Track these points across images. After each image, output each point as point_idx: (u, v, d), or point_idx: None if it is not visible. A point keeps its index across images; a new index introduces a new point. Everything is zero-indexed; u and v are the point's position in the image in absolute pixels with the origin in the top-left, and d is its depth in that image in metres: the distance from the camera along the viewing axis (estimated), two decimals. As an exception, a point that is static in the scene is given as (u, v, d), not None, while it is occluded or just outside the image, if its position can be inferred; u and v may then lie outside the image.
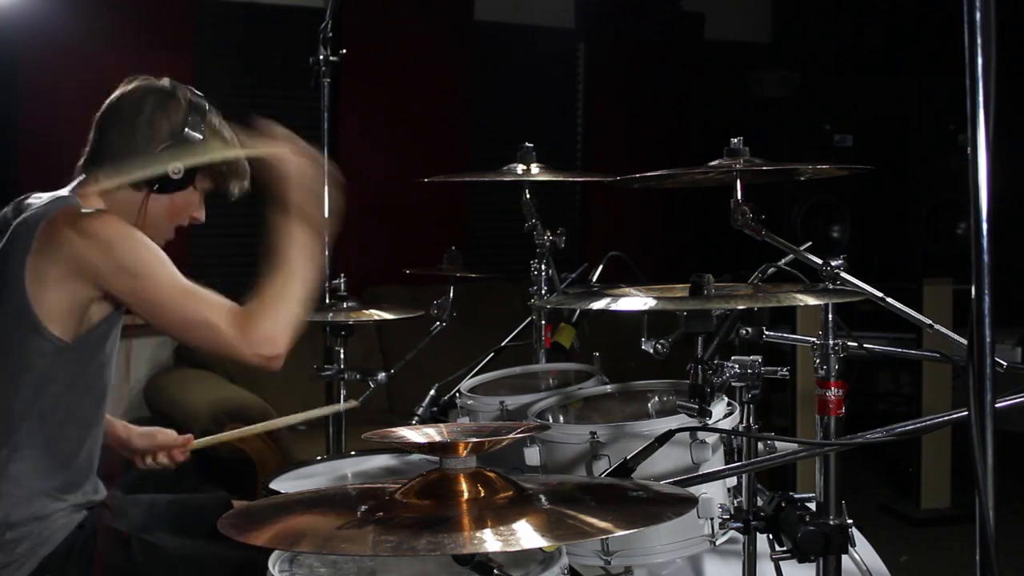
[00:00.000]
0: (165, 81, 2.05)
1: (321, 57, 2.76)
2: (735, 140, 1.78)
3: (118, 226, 1.89)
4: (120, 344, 2.02)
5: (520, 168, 2.48)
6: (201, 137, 2.00)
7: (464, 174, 2.80)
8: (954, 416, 1.70)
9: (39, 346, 1.85)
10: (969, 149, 1.08)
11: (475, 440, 1.24)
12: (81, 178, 2.01)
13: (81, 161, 2.03)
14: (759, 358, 1.69)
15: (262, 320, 1.83)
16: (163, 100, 2.00)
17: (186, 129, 1.99)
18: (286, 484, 2.21)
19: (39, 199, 1.98)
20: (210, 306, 1.86)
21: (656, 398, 2.08)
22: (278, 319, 1.85)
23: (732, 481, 1.78)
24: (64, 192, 1.98)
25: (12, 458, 1.87)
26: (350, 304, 2.67)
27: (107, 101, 2.03)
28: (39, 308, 1.84)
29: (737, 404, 1.74)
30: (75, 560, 1.89)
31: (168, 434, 2.30)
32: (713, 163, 1.80)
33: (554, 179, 2.52)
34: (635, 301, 1.63)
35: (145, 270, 1.85)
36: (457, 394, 2.22)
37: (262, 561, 1.48)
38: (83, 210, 1.90)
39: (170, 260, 1.89)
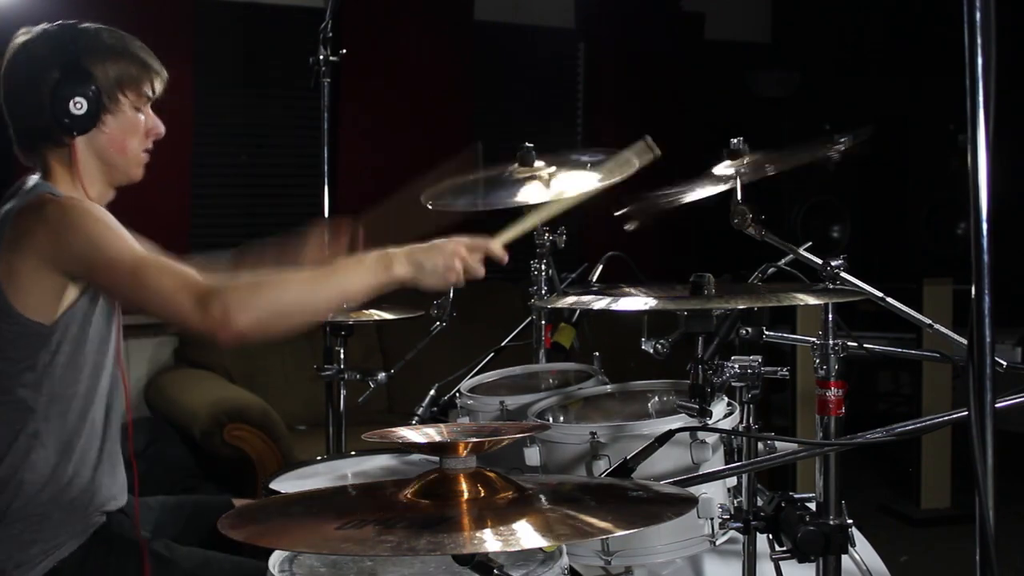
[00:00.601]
0: (23, 32, 1.99)
1: (321, 57, 2.76)
2: (735, 140, 1.78)
3: (70, 207, 1.85)
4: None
5: (526, 179, 2.42)
6: (79, 58, 1.91)
7: (467, 191, 2.72)
8: (954, 416, 1.70)
9: (25, 336, 1.84)
10: (969, 149, 1.08)
11: (475, 440, 1.24)
12: (39, 165, 1.98)
13: (14, 149, 1.99)
14: (759, 358, 1.69)
15: (230, 297, 1.70)
16: (30, 49, 1.94)
17: (62, 61, 1.91)
18: (286, 484, 2.21)
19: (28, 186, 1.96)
20: (165, 275, 1.76)
21: (656, 398, 2.08)
22: (252, 302, 1.71)
23: (732, 481, 1.78)
24: (35, 179, 1.95)
25: (30, 449, 1.87)
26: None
27: None
28: (16, 300, 1.82)
29: (737, 404, 1.74)
30: (88, 570, 1.89)
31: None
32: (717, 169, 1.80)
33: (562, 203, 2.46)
34: (635, 301, 1.63)
35: (95, 247, 1.79)
36: (457, 394, 2.22)
37: (263, 562, 1.48)
38: (44, 197, 1.87)
39: (127, 232, 1.83)
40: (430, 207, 2.33)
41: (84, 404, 1.92)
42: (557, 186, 2.30)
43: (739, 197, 1.78)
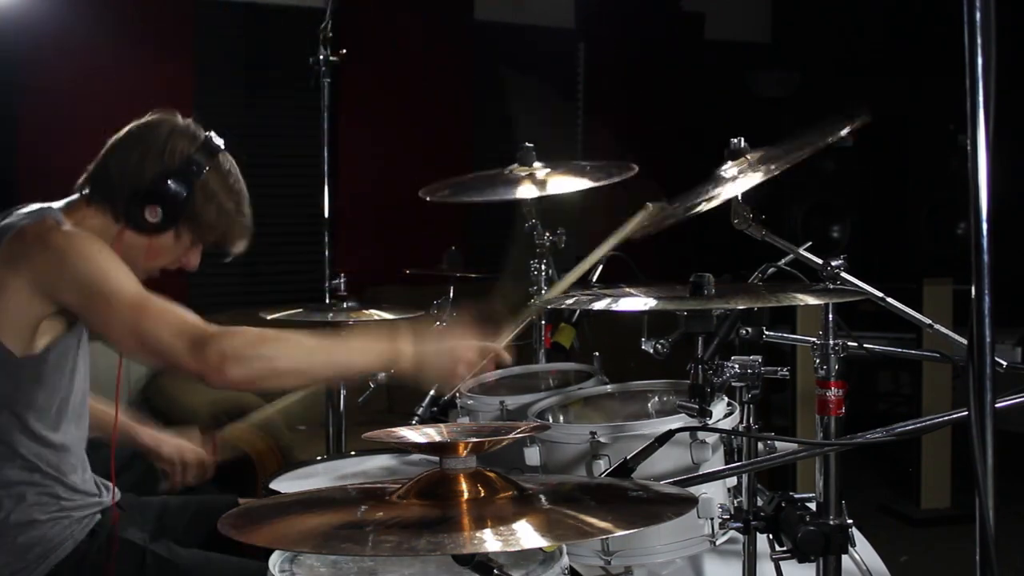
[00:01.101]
0: (188, 121, 1.98)
1: (321, 57, 2.76)
2: (735, 140, 1.78)
3: (80, 239, 1.82)
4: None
5: (522, 178, 2.45)
6: (196, 180, 1.91)
7: (465, 188, 2.77)
8: (954, 416, 1.70)
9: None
10: (969, 149, 1.08)
11: (475, 440, 1.24)
12: (75, 197, 1.96)
13: (81, 179, 1.98)
14: (759, 358, 1.69)
15: (227, 344, 1.70)
16: (168, 134, 1.93)
17: (181, 168, 1.91)
18: (286, 484, 2.21)
19: (28, 209, 1.93)
20: (163, 319, 1.75)
21: (656, 398, 2.08)
22: (249, 353, 1.71)
23: (732, 481, 1.78)
24: (52, 204, 1.93)
25: (4, 464, 1.86)
26: (350, 304, 2.67)
27: (122, 131, 1.97)
28: None
29: (737, 404, 1.74)
30: (87, 569, 1.89)
31: (193, 449, 2.29)
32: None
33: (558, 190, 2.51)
34: (635, 301, 1.63)
35: (98, 276, 1.77)
36: (457, 394, 2.22)
37: (263, 562, 1.48)
38: (51, 224, 1.84)
39: (130, 271, 1.82)
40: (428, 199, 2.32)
41: (60, 418, 1.90)
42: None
43: (739, 197, 1.77)
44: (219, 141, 1.99)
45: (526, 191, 2.42)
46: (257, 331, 1.76)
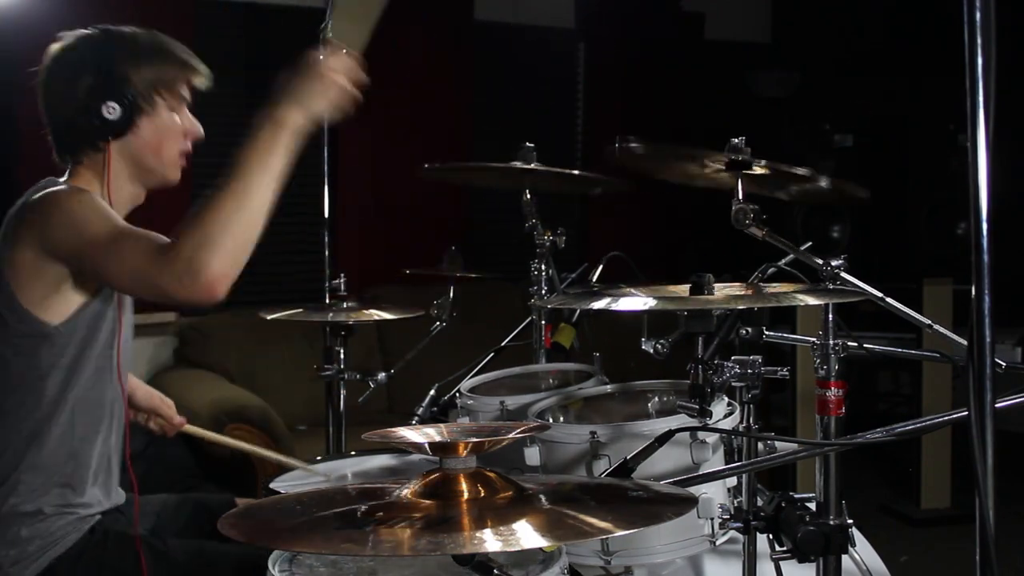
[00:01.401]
0: (73, 33, 1.99)
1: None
2: (736, 140, 1.78)
3: (62, 194, 1.86)
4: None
5: (519, 165, 2.48)
6: (113, 61, 1.93)
7: (465, 168, 2.79)
8: (954, 416, 1.70)
9: (30, 331, 1.85)
10: (969, 149, 1.08)
11: (475, 440, 1.24)
12: (68, 168, 1.99)
13: (53, 154, 2.00)
14: (759, 358, 1.69)
15: (187, 247, 1.64)
16: (66, 55, 1.95)
17: (95, 64, 1.92)
18: (286, 484, 2.21)
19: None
20: (131, 242, 1.73)
21: (656, 398, 2.08)
22: (210, 244, 1.63)
23: (732, 481, 1.78)
24: (58, 179, 1.96)
25: (30, 447, 1.87)
26: (350, 304, 2.67)
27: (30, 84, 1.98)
28: (22, 296, 1.83)
29: (737, 404, 1.74)
30: (84, 565, 1.89)
31: (170, 405, 2.33)
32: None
33: (554, 171, 2.52)
34: (635, 301, 1.63)
35: (74, 222, 1.79)
36: (457, 394, 2.22)
37: (263, 561, 1.48)
38: (44, 192, 1.87)
39: (112, 213, 1.83)
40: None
41: (86, 407, 1.92)
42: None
43: (740, 196, 1.77)
44: (106, 27, 2.00)
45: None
46: (200, 218, 1.68)
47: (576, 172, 2.63)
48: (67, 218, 1.80)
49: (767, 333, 1.75)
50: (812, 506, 1.65)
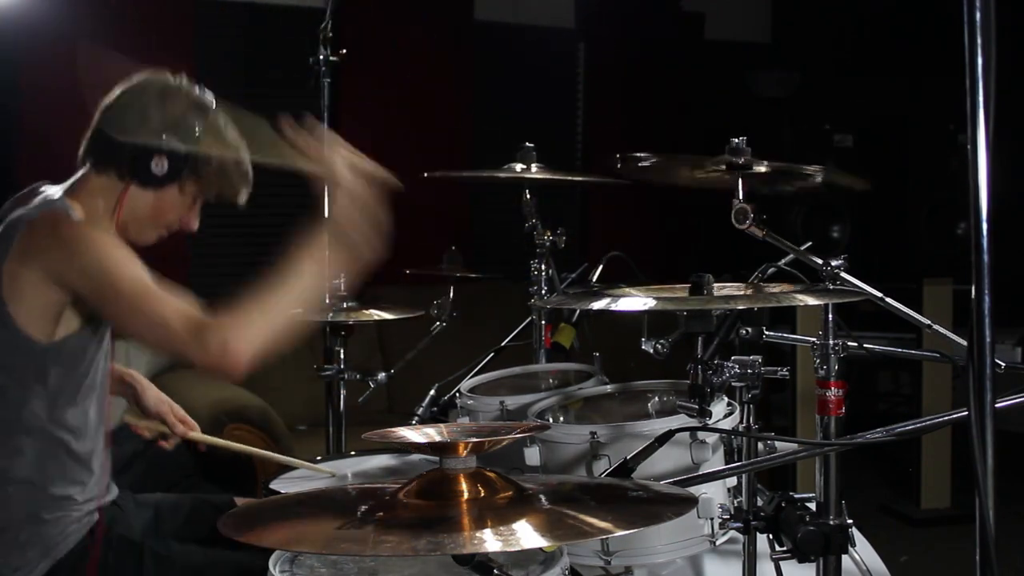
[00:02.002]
0: (170, 75, 2.00)
1: (321, 57, 2.76)
2: (736, 140, 1.78)
3: (87, 230, 1.86)
4: (119, 344, 2.01)
5: (519, 167, 2.48)
6: (195, 134, 1.94)
7: (465, 171, 2.80)
8: (954, 416, 1.70)
9: (17, 347, 1.84)
10: (969, 149, 1.08)
11: (475, 440, 1.24)
12: (78, 174, 1.99)
13: (81, 150, 2.00)
14: (759, 358, 1.69)
15: (227, 331, 1.71)
16: (162, 92, 1.96)
17: (180, 124, 1.93)
18: (286, 484, 2.21)
19: (41, 194, 1.96)
20: (167, 306, 1.77)
21: (656, 398, 2.08)
22: (247, 334, 1.72)
23: (732, 481, 1.78)
24: (56, 193, 1.95)
25: (20, 459, 1.87)
26: (350, 304, 2.67)
27: (112, 92, 2.00)
28: (15, 310, 1.83)
29: (737, 404, 1.74)
30: (84, 567, 1.89)
31: (178, 411, 2.33)
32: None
33: (554, 178, 2.52)
34: (635, 301, 1.63)
35: (105, 270, 1.80)
36: (457, 394, 2.22)
37: (263, 562, 1.48)
38: (61, 216, 1.87)
39: (139, 262, 1.84)
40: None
41: (75, 415, 1.92)
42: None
43: (740, 196, 1.77)
44: (210, 95, 2.01)
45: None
46: (241, 309, 1.74)
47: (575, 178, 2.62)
48: (94, 262, 1.80)
49: (767, 333, 1.75)
50: (812, 506, 1.65)
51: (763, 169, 1.76)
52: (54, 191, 1.96)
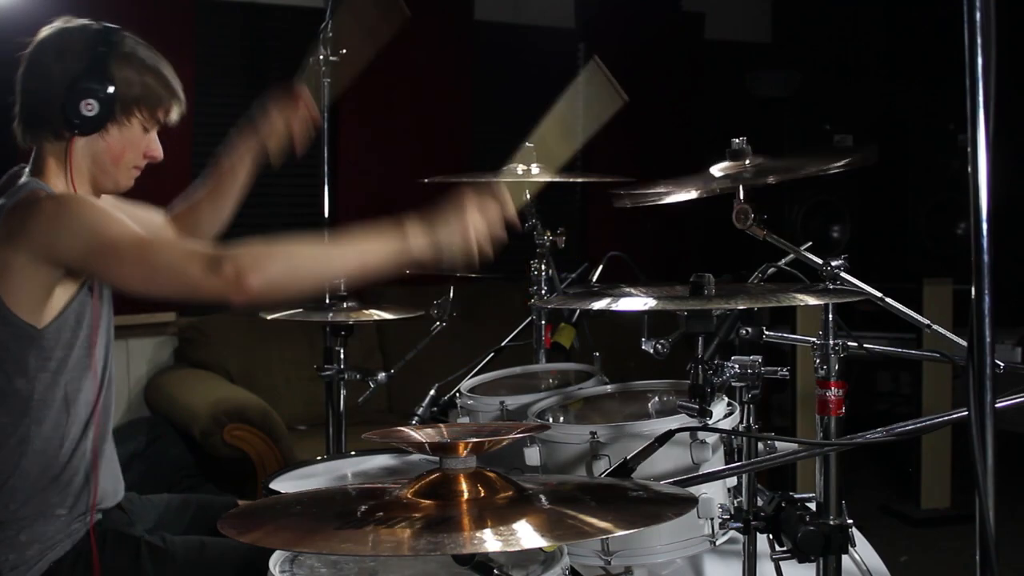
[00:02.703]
0: (79, 21, 1.97)
1: (321, 57, 2.76)
2: (737, 140, 1.78)
3: (66, 199, 1.85)
4: (119, 344, 2.00)
5: (520, 168, 2.48)
6: (108, 65, 1.90)
7: (463, 175, 2.80)
8: (954, 416, 1.70)
9: (15, 335, 1.83)
10: (969, 149, 1.08)
11: (475, 440, 1.24)
12: (32, 155, 1.97)
13: (14, 127, 1.97)
14: (759, 358, 1.69)
15: (242, 260, 1.69)
16: (59, 40, 1.93)
17: (89, 61, 1.89)
18: (286, 484, 2.21)
19: (19, 179, 1.94)
20: (172, 250, 1.75)
21: (656, 398, 2.08)
22: (265, 266, 1.71)
23: (732, 481, 1.78)
24: (26, 175, 1.94)
25: (21, 451, 1.86)
26: (350, 304, 2.67)
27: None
28: (8, 299, 1.82)
29: (737, 404, 1.74)
30: (83, 566, 1.89)
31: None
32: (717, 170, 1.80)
33: (555, 181, 2.52)
34: (635, 301, 1.63)
35: (97, 231, 1.78)
36: (457, 394, 2.22)
37: (263, 561, 1.48)
38: (37, 193, 1.86)
39: (126, 218, 1.82)
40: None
41: (77, 407, 1.91)
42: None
43: (741, 197, 1.77)
44: (113, 26, 1.98)
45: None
46: (267, 243, 1.75)
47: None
48: (84, 227, 1.78)
49: (767, 333, 1.76)
50: (812, 506, 1.65)
51: (771, 181, 1.76)
52: (23, 175, 1.95)
